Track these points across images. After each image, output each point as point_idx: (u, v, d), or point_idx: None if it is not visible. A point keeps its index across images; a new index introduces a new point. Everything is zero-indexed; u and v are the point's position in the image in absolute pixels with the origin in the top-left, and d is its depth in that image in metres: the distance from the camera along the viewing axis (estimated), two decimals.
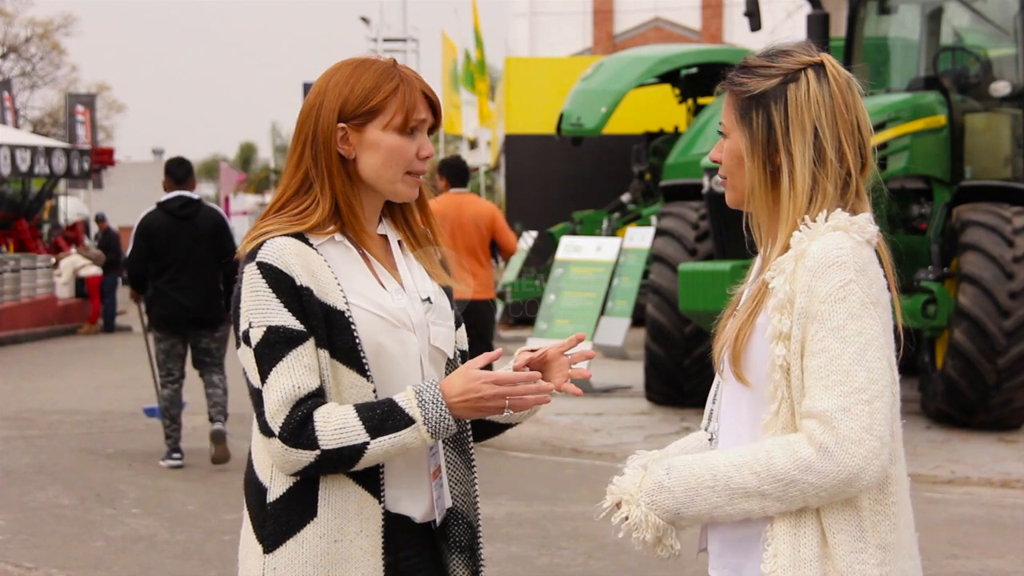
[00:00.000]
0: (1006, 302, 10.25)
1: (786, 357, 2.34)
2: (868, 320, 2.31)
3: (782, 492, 2.31)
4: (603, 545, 7.18)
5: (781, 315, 2.34)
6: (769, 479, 2.31)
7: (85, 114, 34.31)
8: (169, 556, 7.06)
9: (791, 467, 2.30)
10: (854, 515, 2.34)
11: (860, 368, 2.29)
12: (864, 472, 2.28)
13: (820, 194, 2.40)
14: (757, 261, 2.53)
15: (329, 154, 2.56)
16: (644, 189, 18.63)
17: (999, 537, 7.53)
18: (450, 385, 2.47)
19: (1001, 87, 11.31)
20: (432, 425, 2.45)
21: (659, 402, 12.17)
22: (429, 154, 2.59)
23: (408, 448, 2.45)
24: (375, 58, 2.62)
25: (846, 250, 2.33)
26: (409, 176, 2.58)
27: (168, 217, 9.44)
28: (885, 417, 2.30)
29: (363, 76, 2.56)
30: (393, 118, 2.54)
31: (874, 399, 2.29)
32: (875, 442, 2.28)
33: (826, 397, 2.29)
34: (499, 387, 2.46)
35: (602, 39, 41.74)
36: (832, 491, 2.30)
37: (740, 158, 2.46)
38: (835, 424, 2.28)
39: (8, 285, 21.22)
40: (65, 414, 12.19)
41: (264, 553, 2.51)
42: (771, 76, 2.43)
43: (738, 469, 2.34)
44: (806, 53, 2.46)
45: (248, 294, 2.48)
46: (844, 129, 2.42)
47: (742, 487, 2.32)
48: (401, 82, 2.56)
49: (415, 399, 2.46)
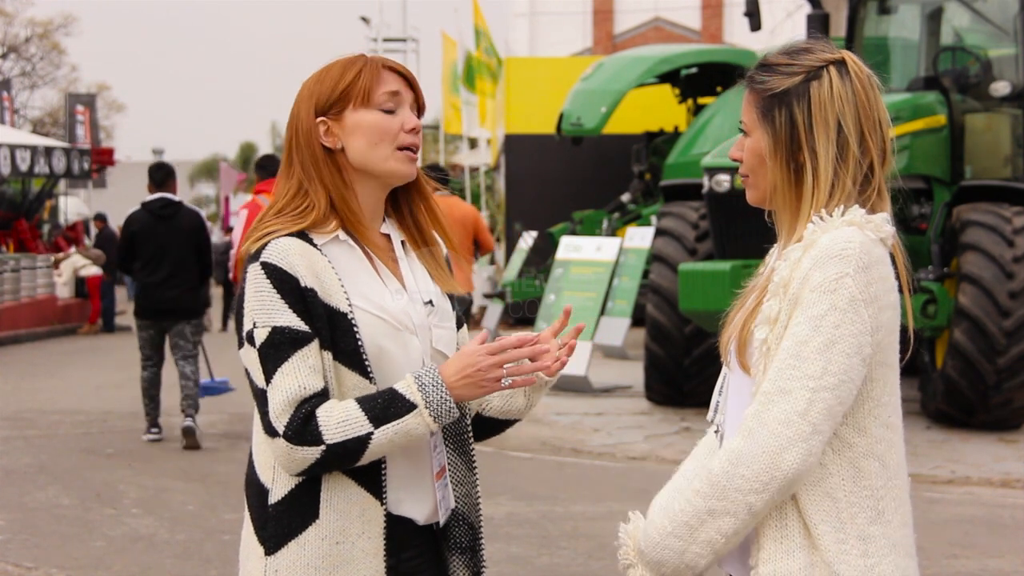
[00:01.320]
0: (1006, 302, 10.25)
1: (767, 340, 2.34)
2: (851, 316, 2.29)
3: (725, 499, 2.30)
4: (603, 545, 7.18)
5: (772, 299, 2.35)
6: (711, 491, 2.32)
7: (85, 114, 34.30)
8: (169, 556, 7.05)
9: (724, 465, 2.31)
10: (832, 506, 2.33)
11: (820, 358, 2.28)
12: (787, 452, 2.26)
13: (840, 191, 2.40)
14: (773, 255, 2.53)
15: (312, 151, 2.58)
16: (644, 189, 18.63)
17: (999, 537, 7.53)
18: (448, 366, 2.48)
19: (1001, 87, 11.31)
20: (434, 408, 2.45)
21: (659, 402, 12.17)
22: (415, 126, 2.60)
23: (412, 435, 2.45)
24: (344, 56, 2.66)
25: (854, 245, 2.32)
26: (400, 152, 2.59)
27: (150, 217, 10.51)
28: (827, 407, 2.28)
29: (331, 71, 2.61)
30: (361, 94, 2.57)
31: (821, 389, 2.28)
32: (805, 426, 2.27)
33: (774, 377, 2.30)
34: (494, 356, 2.47)
35: (602, 39, 41.73)
36: (764, 480, 2.27)
37: (762, 156, 2.45)
38: (770, 404, 2.28)
39: (8, 285, 21.21)
40: (65, 414, 12.19)
41: (266, 555, 2.50)
42: (793, 74, 2.42)
43: (687, 499, 2.35)
44: (827, 50, 2.45)
45: (252, 294, 2.48)
46: (868, 126, 2.41)
47: (695, 515, 2.33)
48: (365, 64, 2.60)
49: (415, 384, 2.46)
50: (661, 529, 2.37)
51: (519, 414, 2.72)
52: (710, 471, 2.33)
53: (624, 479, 9.11)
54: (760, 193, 2.49)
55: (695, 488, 2.34)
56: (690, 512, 2.34)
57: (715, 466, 2.32)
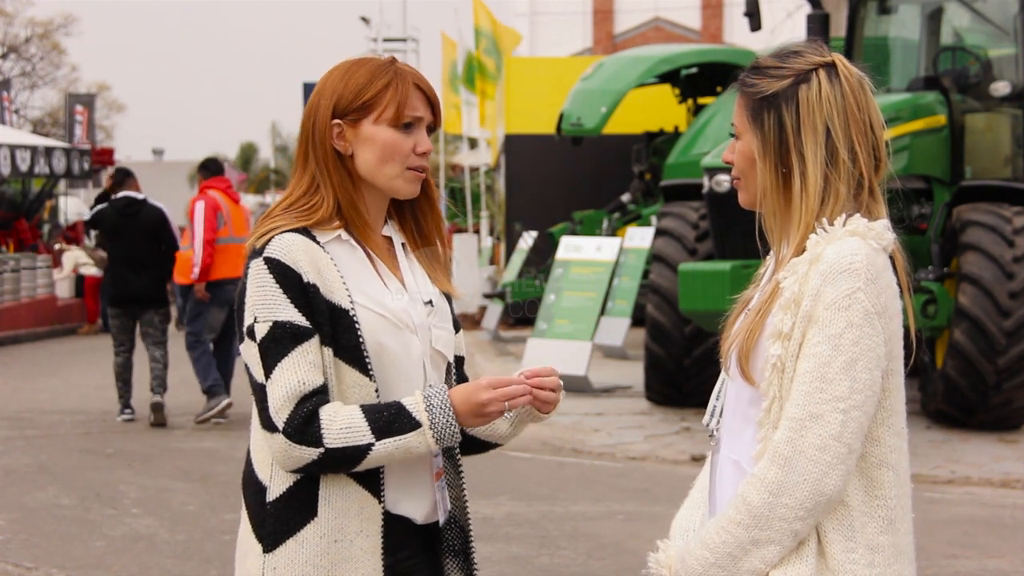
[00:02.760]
0: (1006, 302, 10.25)
1: (781, 357, 2.34)
2: (868, 331, 2.30)
3: (769, 529, 2.31)
4: (603, 545, 7.19)
5: (784, 314, 2.34)
6: (753, 522, 2.32)
7: (84, 114, 34.30)
8: (169, 556, 7.05)
9: (765, 495, 2.31)
10: (845, 514, 2.34)
11: (845, 378, 2.29)
12: (828, 477, 2.28)
13: (832, 195, 2.39)
14: (770, 262, 2.53)
15: (326, 151, 2.56)
16: (644, 189, 18.61)
17: (999, 537, 7.53)
18: (456, 392, 2.49)
19: (1001, 87, 11.31)
20: (438, 431, 2.46)
21: (659, 402, 12.17)
22: (427, 150, 2.59)
23: (412, 452, 2.46)
24: (374, 56, 2.63)
25: (860, 257, 2.32)
26: (409, 172, 2.58)
27: (116, 213, 11.62)
28: (859, 426, 2.30)
29: (358, 73, 2.57)
30: (385, 111, 2.54)
31: (851, 408, 2.29)
32: (842, 448, 2.29)
33: (803, 402, 2.30)
34: (495, 390, 2.49)
35: (602, 39, 41.73)
36: (808, 506, 2.29)
37: (752, 159, 2.45)
38: (803, 431, 2.29)
39: (8, 285, 21.20)
40: (65, 414, 12.19)
41: (264, 552, 2.50)
42: (782, 77, 2.42)
43: (726, 530, 2.35)
44: (817, 53, 2.44)
45: (254, 289, 2.48)
46: (856, 129, 2.41)
47: (738, 546, 2.33)
48: (395, 76, 2.56)
49: (423, 403, 2.46)
50: (703, 560, 2.37)
51: (501, 440, 2.73)
52: (748, 502, 2.32)
53: (624, 479, 9.11)
54: (751, 196, 2.49)
55: (734, 519, 2.33)
56: (732, 543, 2.33)
57: (753, 496, 2.32)
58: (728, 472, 2.48)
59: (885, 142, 2.49)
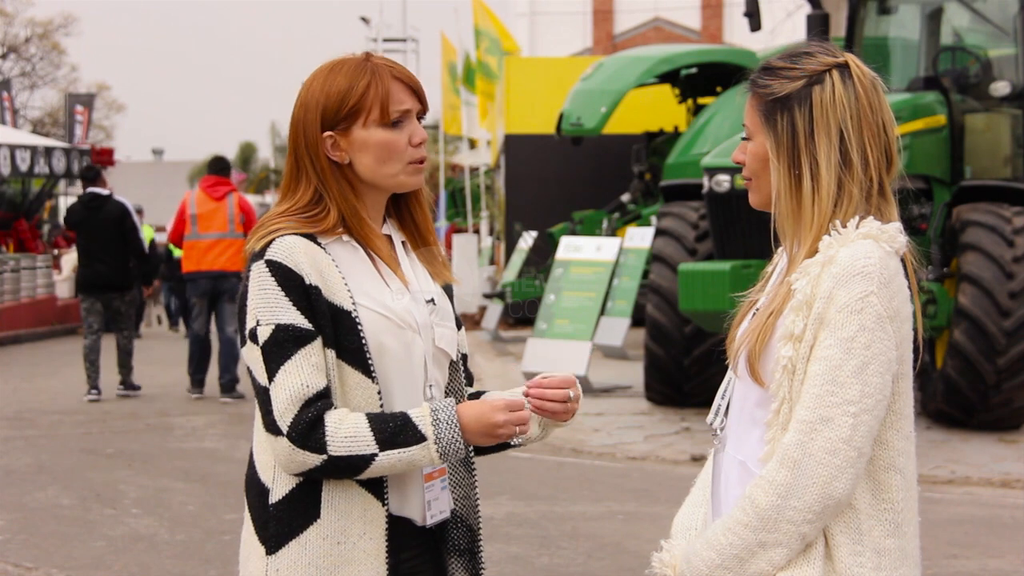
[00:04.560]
0: (1006, 302, 10.25)
1: (792, 359, 2.33)
2: (880, 335, 2.29)
3: (776, 531, 2.30)
4: (603, 545, 7.19)
5: (796, 316, 2.33)
6: (760, 524, 2.31)
7: (83, 114, 34.29)
8: (169, 556, 7.05)
9: (773, 498, 2.30)
10: (853, 517, 2.34)
11: (856, 381, 2.28)
12: (837, 481, 2.28)
13: (845, 197, 2.39)
14: (781, 263, 2.51)
15: (323, 164, 2.55)
16: (644, 189, 18.60)
17: (999, 537, 7.53)
18: (467, 408, 2.48)
19: (1001, 87, 11.31)
20: (443, 446, 2.45)
21: (659, 402, 12.17)
22: (422, 139, 2.58)
23: (415, 465, 2.46)
24: (347, 57, 2.60)
25: (873, 260, 2.31)
26: (410, 166, 2.58)
27: (83, 208, 12.92)
28: (869, 429, 2.30)
29: (336, 80, 2.55)
30: (371, 113, 2.53)
31: (862, 412, 2.29)
32: (852, 452, 2.28)
33: (813, 405, 2.30)
34: (511, 413, 2.48)
35: (602, 39, 41.72)
36: (817, 510, 2.29)
37: (765, 160, 2.44)
38: (813, 434, 2.28)
39: (8, 285, 21.20)
40: (65, 414, 12.18)
41: (267, 554, 2.50)
42: (795, 78, 2.41)
43: (733, 532, 2.34)
44: (830, 54, 2.43)
45: (256, 292, 2.47)
46: (869, 131, 2.40)
47: (744, 548, 2.33)
48: (373, 76, 2.54)
49: (430, 417, 2.46)
50: (709, 562, 2.36)
51: (528, 442, 2.71)
52: (756, 503, 2.31)
53: (624, 479, 9.11)
54: (763, 197, 2.48)
55: (741, 521, 2.33)
56: (739, 545, 2.33)
57: (761, 498, 2.31)
58: (734, 472, 2.48)
59: (896, 138, 2.48)
